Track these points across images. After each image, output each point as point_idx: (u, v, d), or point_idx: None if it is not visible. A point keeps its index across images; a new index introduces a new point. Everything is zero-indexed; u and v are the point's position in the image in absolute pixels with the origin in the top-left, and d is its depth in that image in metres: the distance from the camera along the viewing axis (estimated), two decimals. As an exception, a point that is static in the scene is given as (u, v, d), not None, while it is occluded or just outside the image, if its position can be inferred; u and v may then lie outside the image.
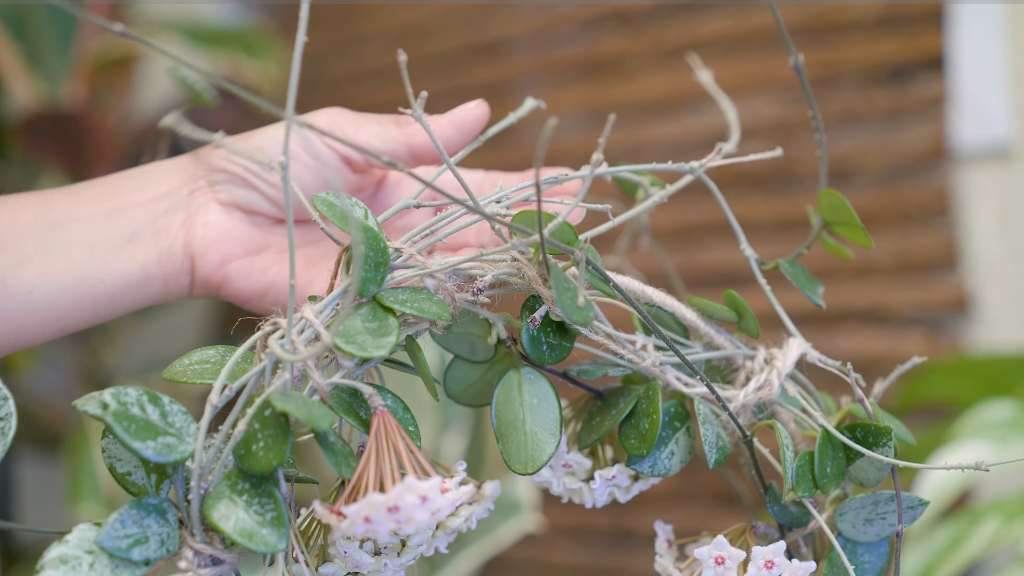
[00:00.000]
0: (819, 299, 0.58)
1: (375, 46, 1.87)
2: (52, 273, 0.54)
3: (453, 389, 0.53)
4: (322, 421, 0.42)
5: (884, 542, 0.53)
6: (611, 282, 0.48)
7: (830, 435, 0.51)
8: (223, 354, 0.47)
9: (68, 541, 0.41)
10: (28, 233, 0.54)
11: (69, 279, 0.54)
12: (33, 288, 0.53)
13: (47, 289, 0.54)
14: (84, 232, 0.55)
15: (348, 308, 0.38)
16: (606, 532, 1.63)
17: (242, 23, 1.83)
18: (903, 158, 1.37)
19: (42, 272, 0.53)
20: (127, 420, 0.41)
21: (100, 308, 0.55)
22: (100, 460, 1.38)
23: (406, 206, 0.51)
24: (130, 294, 0.56)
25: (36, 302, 0.54)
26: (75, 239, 0.54)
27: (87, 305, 0.55)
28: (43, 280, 0.54)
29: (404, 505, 0.41)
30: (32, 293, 0.53)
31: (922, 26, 1.35)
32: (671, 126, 1.49)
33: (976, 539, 0.93)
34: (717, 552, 0.50)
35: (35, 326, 0.54)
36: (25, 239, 0.54)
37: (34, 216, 0.54)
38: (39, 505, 1.88)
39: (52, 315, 0.54)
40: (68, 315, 0.55)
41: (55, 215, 0.55)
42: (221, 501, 0.42)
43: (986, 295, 1.34)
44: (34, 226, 0.54)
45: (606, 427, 0.52)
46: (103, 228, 0.55)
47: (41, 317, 0.54)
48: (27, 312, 0.54)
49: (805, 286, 0.58)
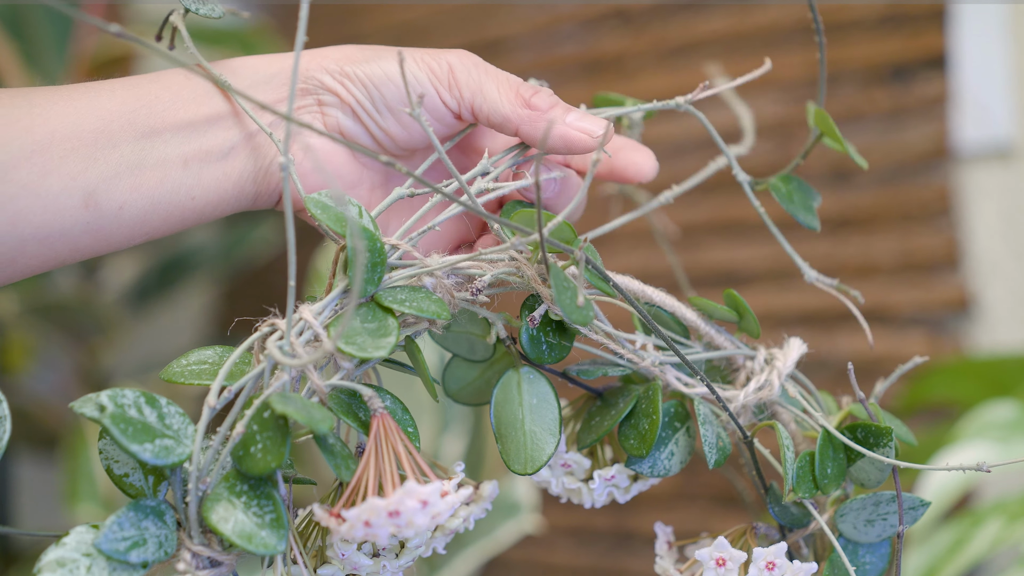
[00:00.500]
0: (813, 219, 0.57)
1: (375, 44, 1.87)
2: (144, 189, 0.52)
3: (452, 388, 0.53)
4: (322, 424, 0.42)
5: (885, 543, 0.53)
6: (611, 281, 0.48)
7: (831, 436, 0.51)
8: (221, 355, 0.47)
9: (65, 544, 0.41)
10: (123, 141, 0.51)
11: (161, 195, 0.52)
12: (124, 205, 0.51)
13: (138, 205, 0.52)
14: (180, 142, 0.52)
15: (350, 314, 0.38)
16: (606, 533, 1.63)
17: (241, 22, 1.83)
18: (905, 157, 1.37)
19: (134, 187, 0.51)
20: (124, 422, 0.41)
21: (189, 222, 0.54)
22: (97, 462, 1.38)
23: (400, 196, 0.51)
24: (221, 209, 0.54)
25: (125, 219, 0.52)
26: (170, 151, 0.52)
27: (176, 220, 0.53)
28: (135, 196, 0.51)
29: (405, 510, 0.41)
30: (122, 210, 0.51)
31: (924, 25, 1.35)
32: (672, 125, 1.49)
33: (978, 540, 0.93)
34: (718, 553, 0.50)
35: (121, 240, 0.53)
36: (120, 148, 0.51)
37: (129, 120, 0.52)
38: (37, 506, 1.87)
39: (140, 230, 0.53)
40: (156, 229, 0.53)
41: (152, 120, 0.52)
42: (220, 503, 0.42)
43: (988, 295, 1.34)
44: (129, 132, 0.51)
45: (605, 427, 0.52)
46: (201, 138, 0.53)
47: (129, 232, 0.52)
48: (115, 228, 0.52)
49: (797, 206, 0.57)
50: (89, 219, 0.51)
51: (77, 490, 1.36)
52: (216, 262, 1.73)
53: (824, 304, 1.41)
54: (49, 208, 0.50)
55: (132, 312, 1.73)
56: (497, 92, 0.54)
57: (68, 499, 1.35)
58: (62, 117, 0.51)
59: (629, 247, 1.55)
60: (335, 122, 0.54)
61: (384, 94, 0.54)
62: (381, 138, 0.55)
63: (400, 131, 0.54)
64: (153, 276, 1.74)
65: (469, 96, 0.54)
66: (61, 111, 0.51)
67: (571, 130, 0.54)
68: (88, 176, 0.50)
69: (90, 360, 1.70)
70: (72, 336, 1.66)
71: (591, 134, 0.54)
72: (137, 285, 1.74)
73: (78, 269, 1.69)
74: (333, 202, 0.48)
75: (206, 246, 1.75)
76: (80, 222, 0.51)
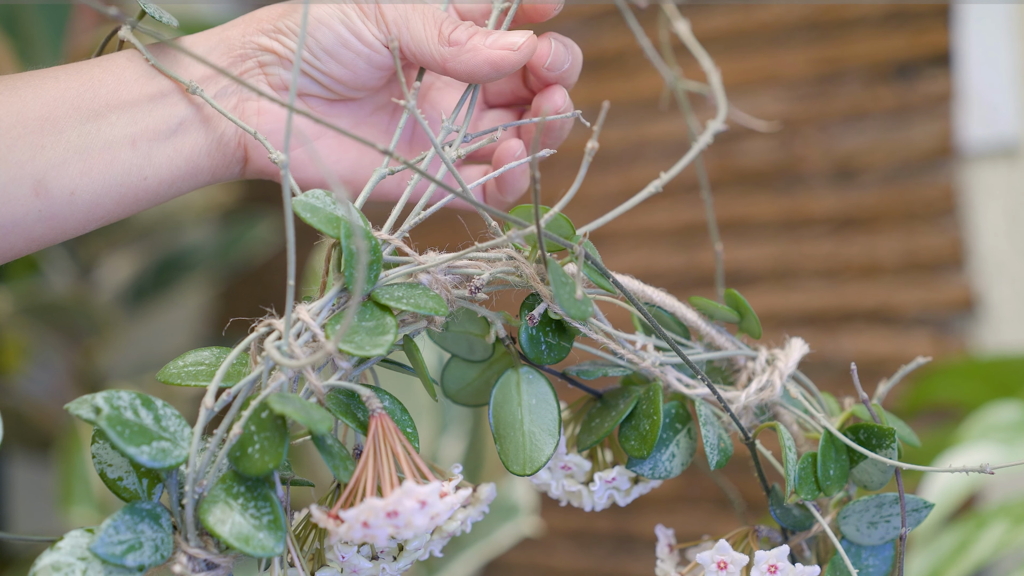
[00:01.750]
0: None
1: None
2: (94, 173, 0.51)
3: (451, 388, 0.53)
4: (320, 424, 0.42)
5: (889, 545, 0.53)
6: (610, 277, 0.48)
7: (833, 437, 0.51)
8: (218, 356, 0.47)
9: (60, 548, 0.41)
10: (69, 126, 0.51)
11: (111, 178, 0.52)
12: (75, 190, 0.51)
13: (90, 190, 0.52)
14: (126, 123, 0.52)
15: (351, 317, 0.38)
16: (607, 536, 1.63)
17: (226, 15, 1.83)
18: (909, 156, 1.37)
19: (84, 172, 0.51)
20: (121, 425, 0.41)
21: (143, 202, 0.54)
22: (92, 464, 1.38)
23: (381, 177, 0.51)
24: (176, 187, 0.54)
25: (78, 204, 0.52)
26: (117, 132, 0.52)
27: (129, 201, 0.53)
28: (85, 181, 0.51)
29: (403, 510, 0.41)
30: (74, 195, 0.51)
31: (929, 22, 1.35)
32: (673, 124, 1.50)
33: (983, 543, 0.93)
34: (720, 556, 0.50)
35: (75, 226, 0.53)
36: (66, 134, 0.51)
37: (73, 105, 0.52)
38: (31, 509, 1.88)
39: (94, 215, 0.53)
40: (110, 213, 0.53)
41: (96, 102, 0.52)
42: (216, 505, 0.42)
43: (993, 295, 1.34)
44: (74, 117, 0.51)
45: (606, 428, 0.52)
46: (147, 117, 0.53)
47: (82, 218, 0.52)
48: (68, 214, 0.52)
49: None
50: (41, 207, 0.51)
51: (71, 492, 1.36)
52: (213, 262, 1.73)
53: (827, 304, 1.41)
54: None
55: (127, 312, 1.73)
56: (423, 29, 0.54)
57: (62, 501, 1.35)
58: (6, 107, 0.51)
59: (629, 247, 1.55)
60: (279, 80, 0.54)
61: (319, 39, 0.54)
62: (328, 83, 0.55)
63: (344, 72, 0.54)
64: (149, 276, 1.74)
65: (396, 32, 0.54)
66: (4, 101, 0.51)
67: (494, 51, 0.54)
68: (36, 164, 0.50)
69: (85, 361, 1.70)
70: (67, 337, 1.67)
71: (513, 47, 0.54)
72: (133, 285, 1.74)
73: (73, 269, 1.69)
74: (322, 203, 0.48)
75: (202, 246, 1.75)
76: (32, 211, 0.51)
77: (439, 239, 0.50)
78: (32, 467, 1.83)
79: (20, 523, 1.86)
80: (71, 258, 1.68)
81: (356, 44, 0.54)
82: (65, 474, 1.38)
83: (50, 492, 1.61)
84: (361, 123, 0.58)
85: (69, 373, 1.74)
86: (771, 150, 1.43)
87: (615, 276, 0.49)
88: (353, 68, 0.55)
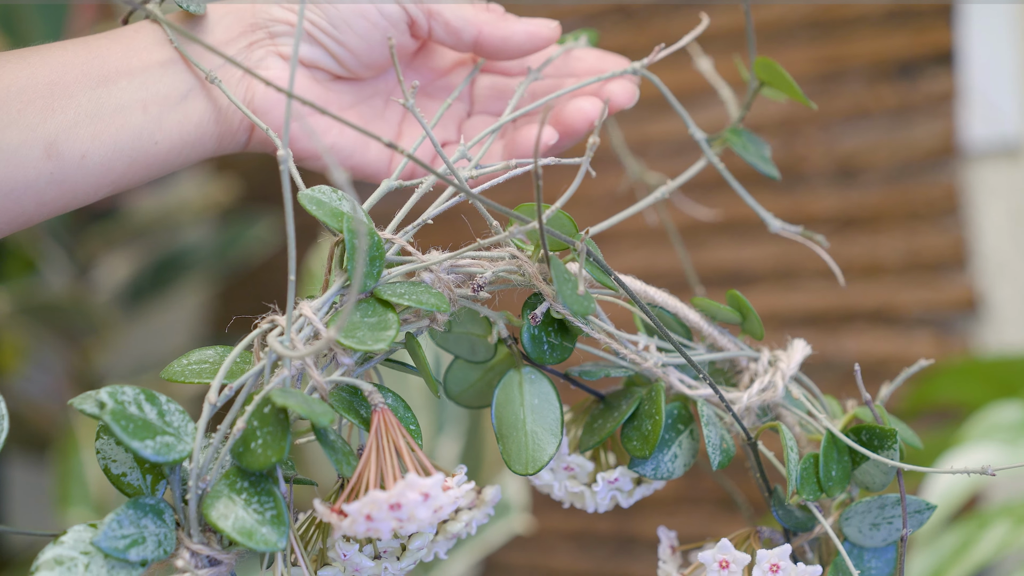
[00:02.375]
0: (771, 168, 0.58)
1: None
2: (105, 136, 0.52)
3: (453, 390, 0.53)
4: (323, 417, 0.42)
5: (891, 547, 0.53)
6: (612, 275, 0.48)
7: (835, 438, 0.52)
8: (221, 354, 0.48)
9: (63, 542, 0.41)
10: (79, 91, 0.52)
11: (123, 141, 0.53)
12: (86, 153, 0.52)
13: (100, 153, 0.52)
14: (137, 88, 0.53)
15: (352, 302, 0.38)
16: (608, 537, 1.63)
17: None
18: (912, 155, 1.37)
19: (95, 135, 0.52)
20: (125, 419, 0.42)
21: (153, 169, 0.54)
22: (89, 464, 1.38)
23: (389, 188, 0.52)
24: (184, 154, 0.55)
25: (89, 167, 0.52)
26: (128, 97, 0.53)
27: (140, 167, 0.54)
28: (96, 144, 0.52)
29: (406, 502, 0.42)
30: (85, 158, 0.52)
31: (931, 20, 1.35)
32: (675, 122, 1.50)
33: (985, 544, 0.93)
34: (721, 556, 0.50)
35: (87, 190, 0.53)
36: (76, 99, 0.52)
37: (83, 71, 0.52)
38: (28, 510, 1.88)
39: (105, 179, 0.53)
40: (121, 177, 0.53)
41: (106, 68, 0.53)
42: (220, 500, 0.42)
43: (996, 295, 1.34)
44: (84, 83, 0.52)
45: (608, 429, 0.52)
46: (157, 83, 0.53)
47: (94, 182, 0.53)
48: (80, 178, 0.52)
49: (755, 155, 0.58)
50: (52, 169, 0.51)
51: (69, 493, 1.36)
52: (211, 261, 1.73)
53: (829, 305, 1.41)
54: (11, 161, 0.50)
55: (125, 312, 1.73)
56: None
57: (59, 502, 1.35)
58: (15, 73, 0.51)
59: (631, 247, 1.55)
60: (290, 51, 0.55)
61: (340, 7, 0.54)
62: (342, 55, 0.56)
63: (359, 42, 0.55)
64: (147, 276, 1.74)
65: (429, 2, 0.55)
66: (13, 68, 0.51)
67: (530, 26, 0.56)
68: (47, 127, 0.51)
69: (83, 361, 1.71)
70: (64, 337, 1.67)
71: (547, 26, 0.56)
72: (131, 285, 1.74)
73: (70, 268, 1.69)
74: (327, 197, 0.48)
75: (201, 245, 1.75)
76: (44, 173, 0.51)
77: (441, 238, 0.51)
78: (29, 468, 1.83)
79: (17, 524, 1.86)
80: (68, 258, 1.68)
81: (375, 15, 0.55)
82: (62, 475, 1.38)
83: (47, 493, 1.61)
84: (360, 103, 0.58)
85: (67, 374, 1.74)
86: (773, 149, 1.44)
87: (617, 275, 0.49)
88: (369, 40, 0.55)
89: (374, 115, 0.59)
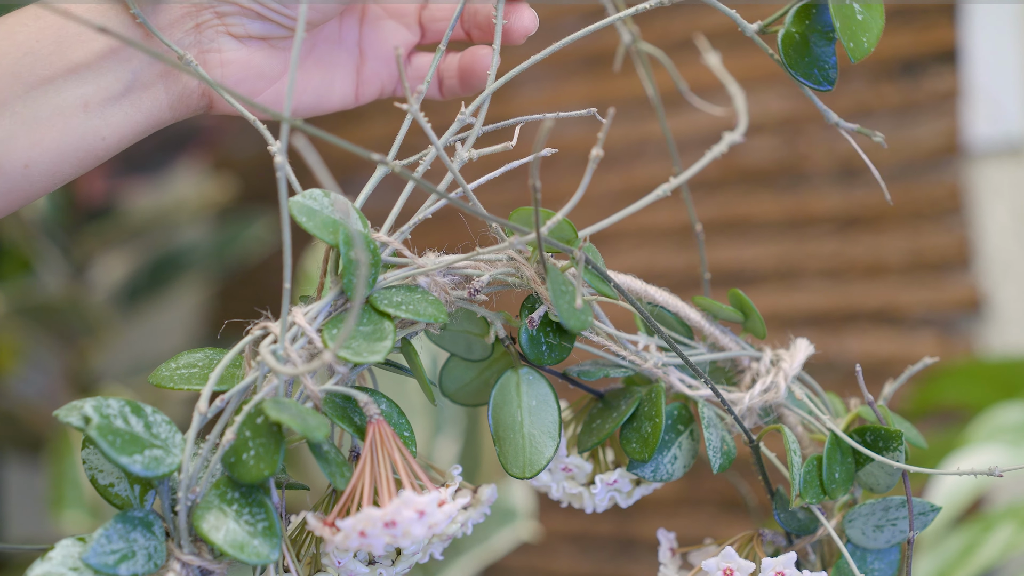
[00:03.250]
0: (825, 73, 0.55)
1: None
2: (46, 143, 0.50)
3: (449, 388, 0.53)
4: (317, 431, 0.41)
5: (895, 549, 0.53)
6: (612, 283, 0.48)
7: (839, 439, 0.51)
8: (211, 358, 0.47)
9: (51, 558, 0.41)
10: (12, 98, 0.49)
11: (67, 144, 0.50)
12: (29, 163, 0.50)
13: (44, 160, 0.50)
14: (76, 85, 0.50)
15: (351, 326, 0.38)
16: (608, 539, 1.63)
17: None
18: (915, 154, 1.37)
19: (35, 143, 0.50)
20: (112, 434, 0.41)
21: (105, 158, 0.52)
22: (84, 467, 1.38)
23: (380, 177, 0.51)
24: (136, 139, 0.53)
25: (34, 176, 0.50)
26: (67, 96, 0.50)
27: (90, 162, 0.52)
28: (38, 152, 0.50)
29: (401, 520, 0.41)
30: (29, 168, 0.50)
31: (934, 18, 1.35)
32: (676, 121, 1.49)
33: (990, 546, 0.93)
34: (725, 564, 0.50)
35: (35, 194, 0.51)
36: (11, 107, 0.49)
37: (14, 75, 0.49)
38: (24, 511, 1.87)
39: (54, 181, 0.51)
40: (69, 176, 0.52)
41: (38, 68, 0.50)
42: (210, 511, 0.42)
43: (1000, 295, 1.33)
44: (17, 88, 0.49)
45: (607, 430, 0.52)
46: (97, 76, 0.50)
47: (43, 186, 0.51)
48: (26, 186, 0.50)
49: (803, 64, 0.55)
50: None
51: (63, 496, 1.36)
52: (208, 261, 1.73)
53: (832, 304, 1.41)
54: None
55: (122, 312, 1.73)
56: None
57: (54, 505, 1.35)
58: None
59: (632, 245, 1.55)
60: (242, 30, 0.53)
61: None
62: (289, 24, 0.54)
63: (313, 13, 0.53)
64: (143, 275, 1.74)
65: None
66: None
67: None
68: None
69: (79, 362, 1.70)
70: (60, 337, 1.66)
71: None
72: (127, 285, 1.74)
73: (66, 268, 1.69)
74: (319, 204, 0.47)
75: (198, 245, 1.75)
76: None
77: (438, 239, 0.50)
78: (25, 470, 1.83)
79: (12, 526, 1.86)
80: (64, 257, 1.68)
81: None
82: (57, 478, 1.38)
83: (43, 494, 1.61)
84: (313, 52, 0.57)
85: (62, 374, 1.73)
86: (774, 148, 1.43)
87: (617, 279, 0.49)
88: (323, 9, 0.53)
89: (332, 60, 0.58)
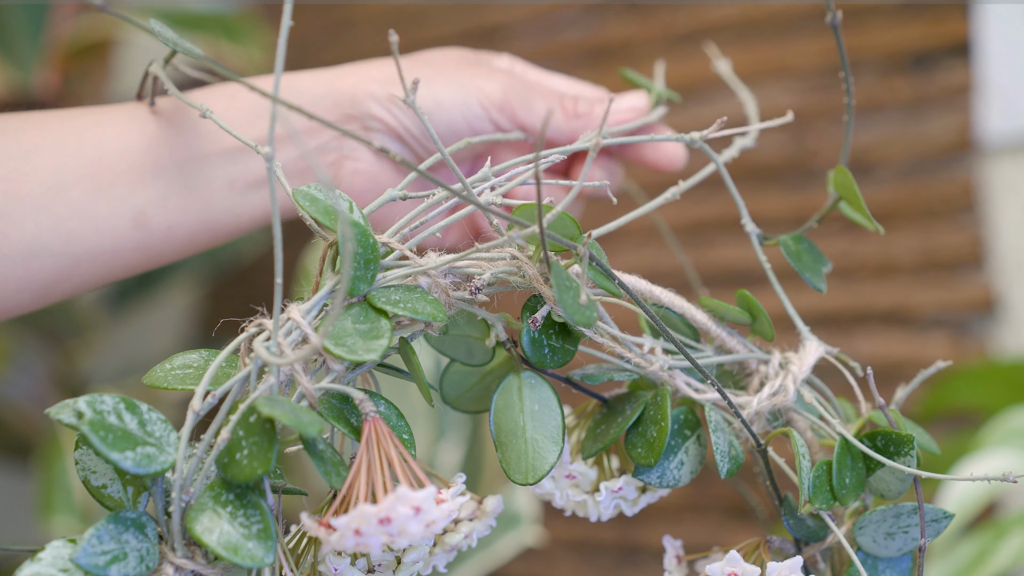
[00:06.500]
0: (820, 282, 0.59)
1: (366, 31, 1.87)
2: (192, 210, 0.55)
3: (450, 394, 0.53)
4: (310, 427, 0.42)
5: (906, 557, 0.53)
6: (616, 280, 0.48)
7: (849, 444, 0.51)
8: (206, 358, 0.47)
9: (41, 559, 0.41)
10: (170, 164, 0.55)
11: (208, 216, 0.56)
12: (173, 225, 0.55)
13: (187, 225, 0.55)
14: (226, 164, 0.56)
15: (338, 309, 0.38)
16: (612, 547, 1.63)
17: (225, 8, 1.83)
18: (927, 150, 1.37)
19: (182, 209, 0.55)
20: (104, 430, 0.41)
21: (235, 235, 0.58)
22: (74, 471, 1.38)
23: (391, 198, 0.51)
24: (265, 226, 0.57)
25: (175, 238, 0.56)
26: (217, 174, 0.56)
27: (223, 235, 0.57)
28: (183, 217, 0.55)
29: (396, 516, 0.41)
30: (172, 230, 0.55)
31: (947, 11, 1.35)
32: (681, 116, 1.49)
33: (1003, 553, 0.93)
34: (730, 568, 0.50)
35: (171, 256, 0.56)
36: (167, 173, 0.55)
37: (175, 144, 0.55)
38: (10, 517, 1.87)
39: (189, 246, 0.56)
40: (204, 244, 0.57)
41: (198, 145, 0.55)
42: (204, 513, 0.42)
43: (1014, 295, 1.34)
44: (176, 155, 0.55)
45: (612, 435, 0.52)
46: (246, 162, 0.56)
47: (179, 249, 0.56)
48: (165, 246, 0.56)
49: (806, 266, 0.58)
50: (139, 238, 0.55)
51: (52, 501, 1.36)
52: (199, 261, 1.73)
53: (841, 306, 1.41)
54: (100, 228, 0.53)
55: (111, 313, 1.73)
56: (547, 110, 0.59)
57: (43, 510, 1.35)
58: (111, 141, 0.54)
59: (636, 245, 1.55)
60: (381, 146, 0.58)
61: (435, 121, 0.58)
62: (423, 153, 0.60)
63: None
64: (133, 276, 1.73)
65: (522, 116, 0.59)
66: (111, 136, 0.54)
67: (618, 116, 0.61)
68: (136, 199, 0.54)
69: (66, 364, 1.70)
70: (48, 339, 1.66)
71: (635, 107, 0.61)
72: (116, 285, 1.74)
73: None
74: (322, 194, 0.48)
75: (189, 244, 1.75)
76: (131, 241, 0.54)
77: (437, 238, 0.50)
78: (11, 475, 1.83)
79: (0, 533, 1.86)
80: (52, 257, 1.67)
81: (466, 131, 0.59)
82: (46, 482, 1.38)
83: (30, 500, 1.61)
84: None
85: (50, 377, 1.73)
86: (782, 144, 1.43)
87: (622, 278, 0.49)
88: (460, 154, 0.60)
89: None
